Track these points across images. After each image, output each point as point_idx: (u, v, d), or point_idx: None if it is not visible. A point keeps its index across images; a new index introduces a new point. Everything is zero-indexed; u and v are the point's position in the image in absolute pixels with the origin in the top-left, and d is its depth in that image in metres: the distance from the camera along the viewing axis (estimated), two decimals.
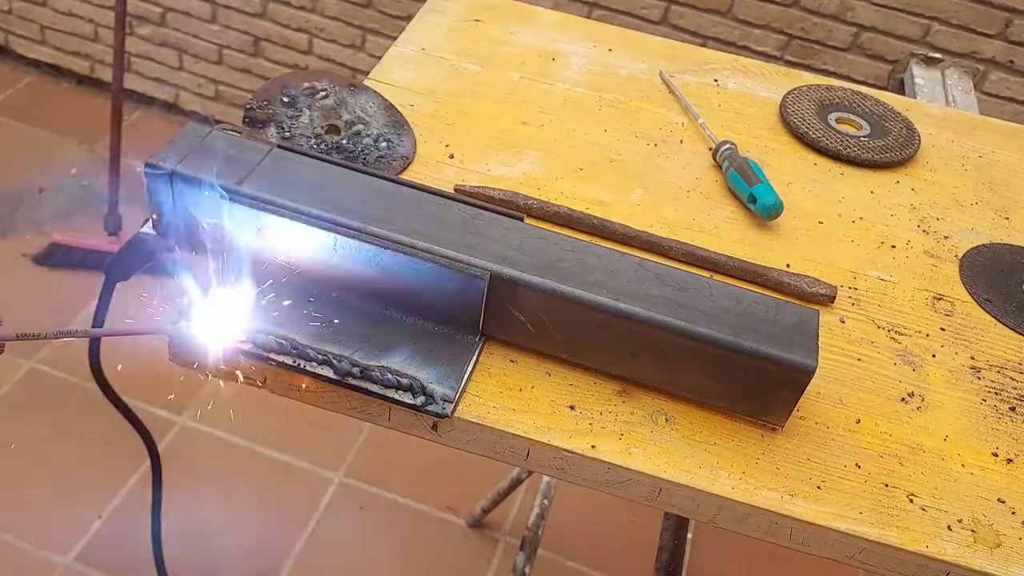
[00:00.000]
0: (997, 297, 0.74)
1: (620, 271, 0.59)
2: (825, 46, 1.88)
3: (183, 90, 2.48)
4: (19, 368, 1.80)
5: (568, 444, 0.56)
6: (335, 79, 0.81)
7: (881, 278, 0.74)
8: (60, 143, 2.37)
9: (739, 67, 1.00)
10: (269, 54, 2.32)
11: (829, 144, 0.88)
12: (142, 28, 2.38)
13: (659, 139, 0.86)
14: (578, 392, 0.59)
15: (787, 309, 0.59)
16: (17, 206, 2.16)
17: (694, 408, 0.59)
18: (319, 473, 1.72)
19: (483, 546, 1.68)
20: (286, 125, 0.75)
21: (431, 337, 0.59)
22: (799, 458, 0.58)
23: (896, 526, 0.55)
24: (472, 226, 0.60)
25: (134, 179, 2.33)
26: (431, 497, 1.72)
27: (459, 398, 0.56)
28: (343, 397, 0.57)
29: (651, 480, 0.55)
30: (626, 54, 0.99)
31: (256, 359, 0.56)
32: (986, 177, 0.90)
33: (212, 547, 1.58)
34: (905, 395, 0.64)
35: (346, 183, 0.61)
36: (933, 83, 1.18)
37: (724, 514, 0.56)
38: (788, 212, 0.78)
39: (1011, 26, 1.75)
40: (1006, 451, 0.61)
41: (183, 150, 0.60)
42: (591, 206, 0.76)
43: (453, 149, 0.80)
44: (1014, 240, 0.81)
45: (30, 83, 2.57)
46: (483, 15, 1.01)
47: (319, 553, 1.60)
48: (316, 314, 0.59)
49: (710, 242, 0.74)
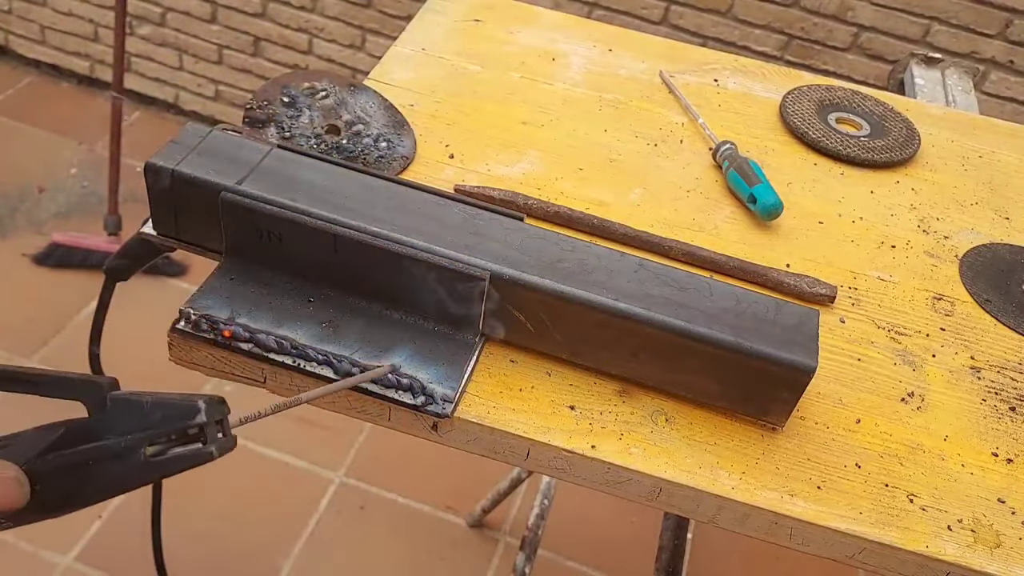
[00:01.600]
0: (997, 297, 0.74)
1: (620, 271, 0.59)
2: (825, 46, 1.88)
3: (183, 90, 2.48)
4: None
5: (568, 444, 0.56)
6: (335, 79, 0.81)
7: (881, 278, 0.74)
8: (60, 143, 2.37)
9: (739, 67, 1.00)
10: (269, 54, 2.32)
11: (829, 144, 0.88)
12: (142, 28, 2.38)
13: (659, 139, 0.86)
14: (578, 392, 0.59)
15: (787, 309, 0.59)
16: (17, 206, 2.17)
17: (694, 408, 0.60)
18: (319, 473, 1.72)
19: (483, 546, 1.69)
20: (286, 125, 0.75)
21: (431, 337, 0.59)
22: (799, 458, 0.58)
23: (896, 526, 0.55)
24: (472, 226, 0.60)
25: (134, 179, 2.35)
26: (431, 497, 1.72)
27: (459, 398, 0.56)
28: (343, 397, 0.57)
29: (651, 480, 0.55)
30: (626, 54, 0.99)
31: (256, 359, 0.56)
32: (986, 177, 0.90)
33: (212, 547, 1.58)
34: (905, 395, 0.64)
35: (346, 183, 0.61)
36: (933, 83, 1.18)
37: (724, 514, 0.56)
38: (788, 212, 0.78)
39: (1011, 26, 1.76)
40: (1006, 451, 0.61)
41: (183, 150, 0.60)
42: (591, 206, 0.76)
43: (453, 149, 0.80)
44: (1014, 240, 0.81)
45: (30, 83, 2.57)
46: (483, 15, 1.01)
47: (319, 553, 1.60)
48: (316, 314, 0.59)
49: (710, 242, 0.74)
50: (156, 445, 0.38)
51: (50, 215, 2.16)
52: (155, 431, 0.38)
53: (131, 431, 0.38)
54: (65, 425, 0.39)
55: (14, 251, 2.04)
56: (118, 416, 0.39)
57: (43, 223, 2.12)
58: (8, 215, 2.13)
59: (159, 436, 0.38)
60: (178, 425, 0.38)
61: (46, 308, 1.92)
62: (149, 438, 0.38)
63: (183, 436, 0.38)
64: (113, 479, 0.38)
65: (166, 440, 0.38)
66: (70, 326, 1.89)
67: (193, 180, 0.58)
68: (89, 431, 0.38)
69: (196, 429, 0.38)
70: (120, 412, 0.39)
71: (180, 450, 0.38)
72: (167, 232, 0.62)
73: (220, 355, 0.57)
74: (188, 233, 0.62)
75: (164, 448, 0.38)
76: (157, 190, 0.59)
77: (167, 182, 0.59)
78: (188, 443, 0.38)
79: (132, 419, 0.38)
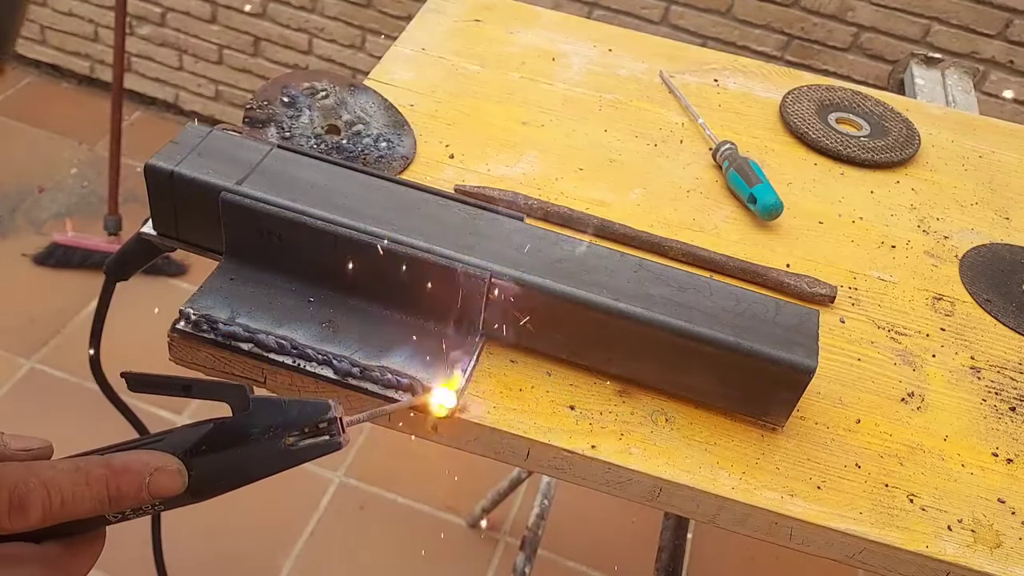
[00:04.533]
0: (997, 297, 0.74)
1: (620, 271, 0.59)
2: (825, 46, 1.88)
3: (183, 90, 2.48)
4: (19, 368, 1.80)
5: (568, 444, 0.56)
6: (335, 79, 0.81)
7: (881, 278, 0.74)
8: (60, 143, 2.37)
9: (739, 67, 1.00)
10: (269, 54, 2.32)
11: (829, 144, 0.88)
12: (142, 28, 2.38)
13: (659, 139, 0.86)
14: (578, 392, 0.59)
15: (787, 309, 0.59)
16: (17, 206, 2.17)
17: (694, 408, 0.59)
18: (319, 473, 1.72)
19: (483, 546, 1.69)
20: (286, 125, 0.75)
21: (431, 337, 0.59)
22: (799, 458, 0.58)
23: (896, 526, 0.55)
24: (472, 226, 0.60)
25: (134, 179, 2.34)
26: (431, 497, 1.72)
27: (459, 398, 0.56)
28: (343, 397, 0.57)
29: (651, 480, 0.55)
30: (626, 54, 0.99)
31: (256, 359, 0.56)
32: (986, 177, 0.90)
33: (212, 547, 1.58)
34: (905, 395, 0.64)
35: (346, 183, 0.61)
36: (933, 83, 1.18)
37: (724, 514, 0.56)
38: (788, 212, 0.78)
39: (1011, 26, 1.76)
40: (1006, 451, 0.61)
41: (183, 150, 0.60)
42: (591, 206, 0.76)
43: (453, 149, 0.80)
44: (1014, 240, 0.81)
45: (30, 83, 2.57)
46: (483, 15, 1.01)
47: (319, 553, 1.60)
48: (316, 314, 0.59)
49: (710, 242, 0.74)
50: (293, 437, 0.44)
51: (50, 215, 2.16)
52: (293, 424, 0.44)
53: (272, 426, 0.43)
54: (213, 422, 0.44)
55: (14, 251, 2.04)
56: (259, 414, 0.44)
57: (43, 223, 2.12)
58: (8, 215, 2.13)
59: (296, 429, 0.44)
60: (314, 419, 0.44)
61: (46, 308, 1.92)
62: (288, 430, 0.44)
63: (314, 430, 0.44)
64: (258, 466, 0.44)
65: (300, 434, 0.44)
66: (70, 326, 1.89)
67: (193, 180, 0.58)
68: (236, 426, 0.44)
69: (326, 423, 0.44)
70: (260, 410, 0.44)
71: (312, 440, 0.44)
72: (167, 232, 0.62)
73: (220, 355, 0.57)
74: (188, 233, 0.62)
75: (299, 439, 0.44)
76: (157, 190, 0.59)
77: (167, 182, 0.59)
78: (318, 436, 0.44)
79: (272, 415, 0.44)
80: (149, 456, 0.42)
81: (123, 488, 0.41)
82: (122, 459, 0.42)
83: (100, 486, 0.41)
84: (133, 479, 0.41)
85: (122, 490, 0.41)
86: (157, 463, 0.42)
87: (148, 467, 0.42)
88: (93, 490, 0.41)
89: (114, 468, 0.41)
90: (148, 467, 0.42)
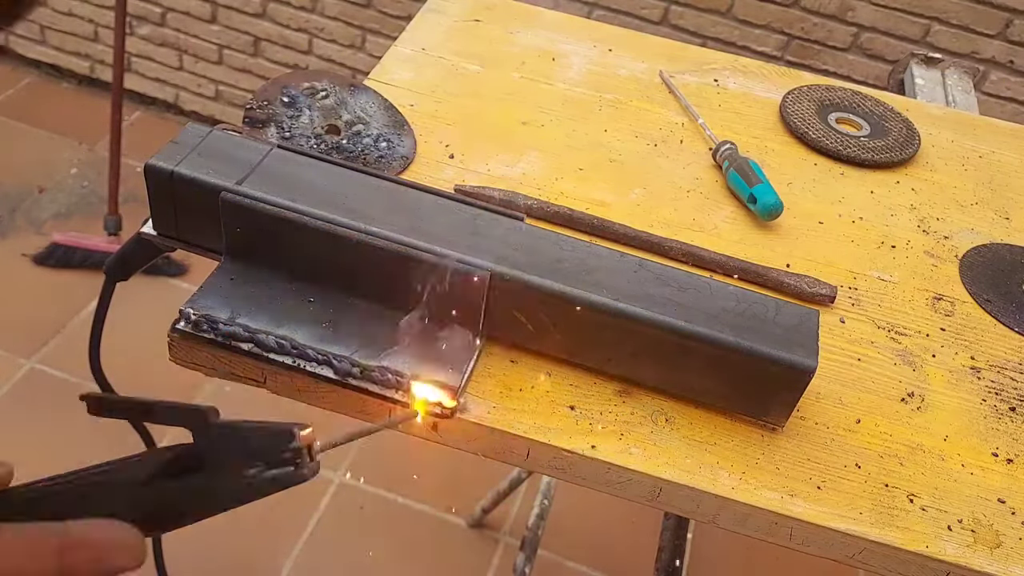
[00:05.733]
0: (997, 297, 0.74)
1: (620, 271, 0.59)
2: (825, 46, 1.88)
3: (183, 90, 2.48)
4: (19, 368, 1.80)
5: (568, 444, 0.56)
6: (335, 79, 0.81)
7: (881, 278, 0.74)
8: (60, 143, 2.37)
9: (739, 67, 1.00)
10: (269, 54, 2.32)
11: (829, 144, 0.88)
12: (142, 28, 2.38)
13: (659, 139, 0.86)
14: (578, 392, 0.59)
15: (787, 309, 0.59)
16: (17, 206, 2.17)
17: (694, 408, 0.59)
18: (319, 473, 1.72)
19: (483, 546, 1.69)
20: (286, 125, 0.75)
21: (431, 337, 0.59)
22: (799, 458, 0.58)
23: (896, 526, 0.55)
24: (472, 226, 0.60)
25: (134, 179, 2.34)
26: (431, 497, 1.72)
27: (459, 398, 0.56)
28: (343, 397, 0.57)
29: (651, 480, 0.55)
30: (626, 54, 0.99)
31: (256, 359, 0.56)
32: (986, 177, 0.90)
33: (212, 547, 1.58)
34: (905, 395, 0.64)
35: (346, 183, 0.61)
36: (933, 83, 1.18)
37: (724, 514, 0.56)
38: (788, 212, 0.78)
39: (1011, 26, 1.76)
40: (1006, 451, 0.61)
41: (183, 150, 0.60)
42: (591, 206, 0.76)
43: (453, 149, 0.80)
44: (1014, 240, 0.81)
45: (30, 83, 2.57)
46: (483, 15, 1.01)
47: (319, 553, 1.60)
48: (316, 314, 0.59)
49: (710, 242, 0.74)
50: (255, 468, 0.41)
51: (50, 215, 2.16)
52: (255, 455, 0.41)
53: (233, 455, 0.41)
54: (173, 451, 0.42)
55: (14, 251, 2.04)
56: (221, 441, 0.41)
57: (43, 223, 2.12)
58: (8, 215, 2.13)
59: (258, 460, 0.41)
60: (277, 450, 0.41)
61: (46, 308, 1.92)
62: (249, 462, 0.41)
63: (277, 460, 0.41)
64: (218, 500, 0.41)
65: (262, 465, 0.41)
66: (70, 326, 1.89)
67: (193, 180, 0.58)
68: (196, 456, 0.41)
69: (291, 453, 0.41)
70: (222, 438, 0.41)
71: (275, 472, 0.41)
72: (167, 232, 0.62)
73: (220, 355, 0.57)
74: (188, 233, 0.62)
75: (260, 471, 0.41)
76: (157, 190, 0.59)
77: (167, 182, 0.59)
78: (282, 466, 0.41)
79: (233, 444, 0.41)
80: (110, 528, 0.39)
81: (77, 564, 0.37)
82: (81, 529, 0.38)
83: (51, 560, 0.37)
84: (89, 555, 0.38)
85: (76, 567, 0.37)
86: (118, 537, 0.39)
87: (108, 541, 0.38)
88: (42, 564, 0.37)
89: (70, 540, 0.38)
90: (108, 541, 0.38)
